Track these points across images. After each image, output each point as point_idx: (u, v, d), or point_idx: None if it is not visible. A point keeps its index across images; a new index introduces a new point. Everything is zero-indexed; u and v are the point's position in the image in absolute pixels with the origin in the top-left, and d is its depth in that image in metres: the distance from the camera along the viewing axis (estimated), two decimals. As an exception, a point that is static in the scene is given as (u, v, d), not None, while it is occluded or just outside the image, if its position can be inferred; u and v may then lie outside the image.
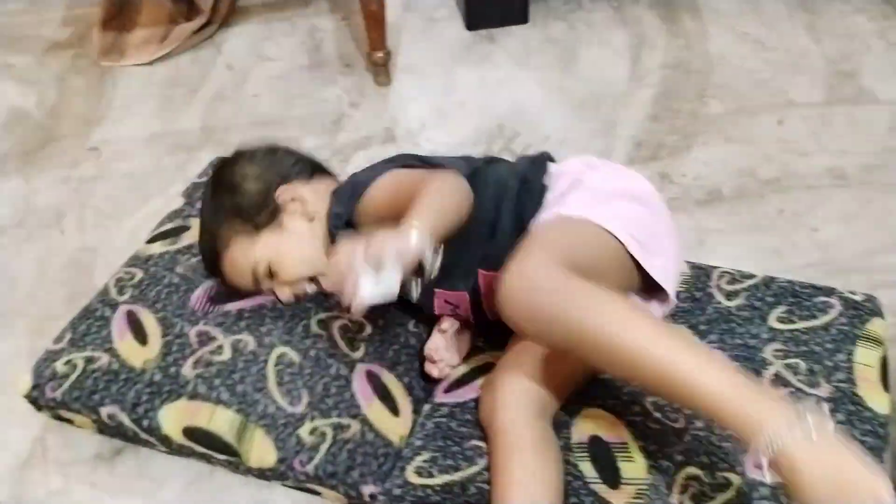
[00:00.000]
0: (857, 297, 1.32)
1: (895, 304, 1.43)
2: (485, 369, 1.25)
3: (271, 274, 1.27)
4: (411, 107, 2.20)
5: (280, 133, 2.09)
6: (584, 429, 1.15)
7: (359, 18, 2.25)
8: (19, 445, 1.43)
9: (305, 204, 1.28)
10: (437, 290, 1.25)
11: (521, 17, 2.48)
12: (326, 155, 1.94)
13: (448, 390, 1.26)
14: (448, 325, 1.30)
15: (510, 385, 1.11)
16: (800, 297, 1.33)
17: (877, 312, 1.30)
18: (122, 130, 2.18)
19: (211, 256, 1.31)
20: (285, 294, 1.30)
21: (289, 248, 1.26)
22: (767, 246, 1.71)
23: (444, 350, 1.28)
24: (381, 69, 2.26)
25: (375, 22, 2.17)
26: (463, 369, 1.28)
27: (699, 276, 1.38)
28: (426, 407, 1.25)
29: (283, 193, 1.28)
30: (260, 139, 1.40)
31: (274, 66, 2.40)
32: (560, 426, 1.15)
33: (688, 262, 1.40)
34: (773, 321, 1.29)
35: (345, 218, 1.23)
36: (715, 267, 1.40)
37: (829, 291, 1.33)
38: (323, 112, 2.20)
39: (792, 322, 1.28)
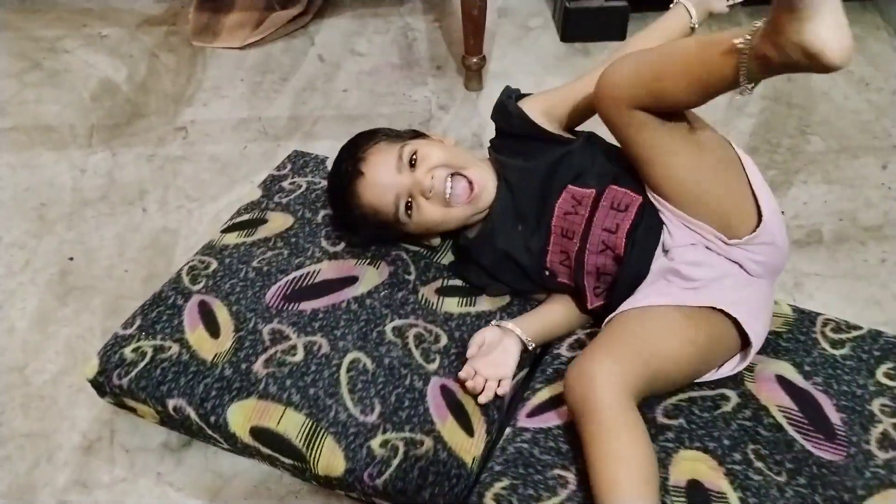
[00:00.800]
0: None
1: None
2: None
3: (413, 164, 1.28)
4: (500, 114, 2.16)
5: (367, 130, 2.06)
6: (682, 471, 1.10)
7: (451, 21, 2.22)
8: (87, 427, 1.41)
9: (446, 137, 1.40)
10: (569, 185, 1.27)
11: (618, 34, 2.42)
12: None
13: (531, 414, 1.20)
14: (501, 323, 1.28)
15: (606, 365, 1.07)
16: (909, 355, 1.26)
17: None
18: (210, 112, 2.17)
19: (351, 153, 1.33)
20: (427, 180, 1.28)
21: (435, 144, 1.33)
22: (867, 296, 1.64)
23: (479, 344, 1.24)
24: (474, 74, 2.23)
25: (475, 27, 2.14)
26: (547, 393, 1.23)
27: (802, 320, 1.32)
28: (507, 430, 1.20)
29: (430, 132, 1.42)
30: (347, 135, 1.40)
31: (365, 61, 2.38)
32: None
33: (790, 305, 1.35)
34: (880, 376, 1.23)
35: (517, 94, 1.39)
36: (818, 314, 1.34)
37: (942, 354, 1.27)
38: (412, 112, 2.17)
39: (901, 380, 1.22)
